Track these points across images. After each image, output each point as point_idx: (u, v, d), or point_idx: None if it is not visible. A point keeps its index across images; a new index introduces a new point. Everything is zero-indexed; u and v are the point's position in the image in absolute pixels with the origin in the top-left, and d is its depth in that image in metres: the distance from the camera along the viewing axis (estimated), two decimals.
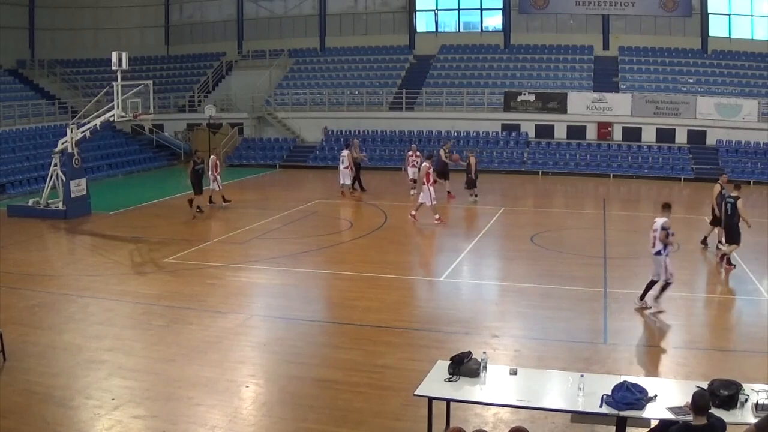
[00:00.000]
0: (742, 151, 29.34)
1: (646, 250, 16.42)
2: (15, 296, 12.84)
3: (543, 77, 33.96)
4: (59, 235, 18.94)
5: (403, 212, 22.05)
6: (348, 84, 35.93)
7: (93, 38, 39.75)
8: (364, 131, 33.50)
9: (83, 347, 10.38)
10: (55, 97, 35.32)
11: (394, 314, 12.04)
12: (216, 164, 21.81)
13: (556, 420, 7.79)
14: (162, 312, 12.05)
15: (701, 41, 33.91)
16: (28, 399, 8.62)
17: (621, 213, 22.55)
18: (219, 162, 22.50)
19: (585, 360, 9.83)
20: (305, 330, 11.38)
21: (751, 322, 11.78)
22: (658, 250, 11.75)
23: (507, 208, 22.19)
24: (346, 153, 24.23)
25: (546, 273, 14.51)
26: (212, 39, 39.89)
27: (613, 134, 31.24)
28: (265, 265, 15.41)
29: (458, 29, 37.92)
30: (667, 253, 11.86)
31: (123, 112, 20.19)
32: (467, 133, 32.53)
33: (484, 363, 7.41)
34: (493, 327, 11.41)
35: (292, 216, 20.80)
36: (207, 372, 9.49)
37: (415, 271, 15.85)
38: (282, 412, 8.46)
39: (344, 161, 24.19)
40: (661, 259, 11.77)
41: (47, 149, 24.45)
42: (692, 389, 6.77)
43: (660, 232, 11.66)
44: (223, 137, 33.64)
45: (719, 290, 14.19)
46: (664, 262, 11.77)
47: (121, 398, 8.65)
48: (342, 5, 38.43)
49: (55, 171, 20.84)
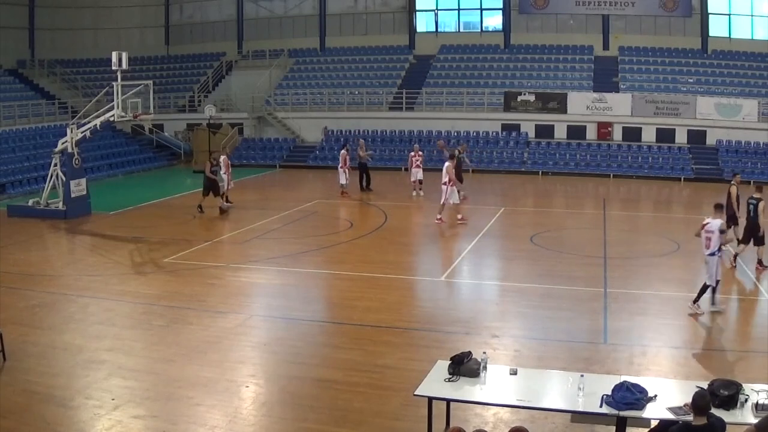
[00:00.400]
0: (742, 151, 29.33)
1: (646, 250, 16.51)
2: (15, 296, 12.84)
3: (543, 77, 33.96)
4: (59, 235, 18.94)
5: (404, 212, 22.08)
6: (348, 84, 35.93)
7: (93, 38, 39.75)
8: (364, 131, 33.47)
9: (83, 347, 10.38)
10: (55, 97, 35.31)
11: (394, 314, 12.04)
12: (228, 164, 22.05)
13: (556, 420, 7.79)
14: (162, 312, 12.05)
15: (701, 41, 33.91)
16: (28, 399, 8.62)
17: (621, 213, 22.55)
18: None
19: (585, 360, 9.82)
20: (305, 330, 11.39)
21: (751, 322, 11.78)
22: (713, 252, 11.69)
23: (507, 208, 22.19)
24: (343, 152, 24.39)
25: (546, 273, 14.51)
26: (212, 39, 39.89)
27: (613, 134, 31.23)
28: (265, 265, 15.41)
29: (458, 29, 37.91)
30: (720, 254, 11.84)
31: (123, 112, 20.20)
32: (467, 133, 32.52)
33: (484, 363, 7.41)
34: (493, 327, 11.41)
35: (292, 216, 20.80)
36: (207, 372, 9.49)
37: (415, 271, 15.85)
38: (282, 412, 8.46)
39: (341, 161, 24.42)
40: (715, 260, 11.71)
41: (47, 149, 24.46)
42: (692, 389, 6.77)
43: (719, 235, 11.62)
44: (223, 137, 33.62)
45: (719, 290, 14.14)
46: (717, 264, 11.72)
47: (121, 398, 8.65)
48: (342, 5, 38.43)
49: (55, 171, 20.85)
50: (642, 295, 12.96)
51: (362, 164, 25.32)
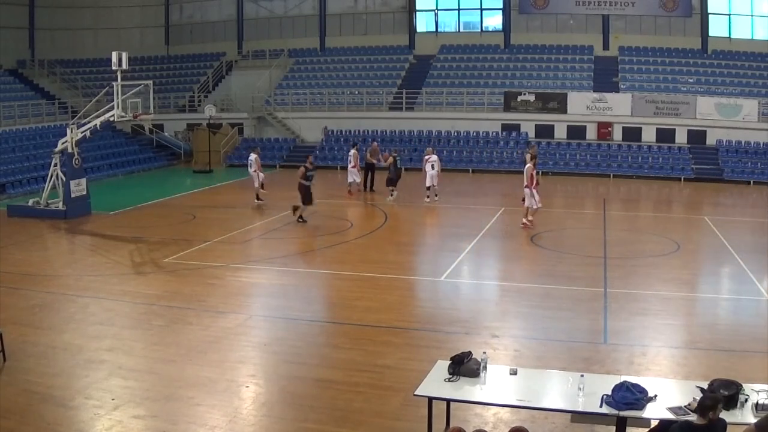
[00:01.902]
0: (742, 151, 29.33)
1: (646, 250, 16.51)
2: (15, 296, 12.84)
3: (543, 77, 33.96)
4: (59, 235, 18.94)
5: (404, 212, 22.06)
6: (348, 84, 35.92)
7: (93, 38, 39.76)
8: (364, 131, 33.49)
9: (83, 347, 10.37)
10: (55, 97, 35.32)
11: (394, 314, 12.04)
12: (259, 163, 22.35)
13: (556, 420, 7.79)
14: (162, 312, 12.04)
15: (701, 41, 33.91)
16: (28, 399, 8.62)
17: (621, 213, 22.55)
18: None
19: (585, 360, 9.82)
20: (305, 330, 11.38)
21: (751, 322, 11.77)
22: None
23: (507, 208, 22.16)
24: (353, 152, 24.71)
25: (546, 273, 14.51)
26: (212, 39, 39.88)
27: (613, 134, 31.23)
28: (265, 265, 15.41)
29: (458, 29, 37.91)
30: None
31: (123, 112, 20.20)
32: (467, 133, 32.54)
33: (484, 363, 7.41)
34: (493, 327, 11.41)
35: (292, 216, 20.79)
36: (207, 372, 9.48)
37: (415, 271, 15.84)
38: (282, 412, 8.45)
39: (351, 161, 24.76)
40: None
41: (47, 149, 24.47)
42: (692, 389, 6.79)
43: None
44: (223, 137, 33.65)
45: (719, 290, 14.18)
46: None
47: (121, 398, 8.65)
48: (342, 5, 38.43)
49: (55, 171, 20.84)
50: (642, 295, 12.95)
51: (369, 165, 25.49)
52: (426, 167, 22.83)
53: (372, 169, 25.45)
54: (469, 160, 31.45)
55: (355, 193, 24.69)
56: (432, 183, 22.79)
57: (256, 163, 22.68)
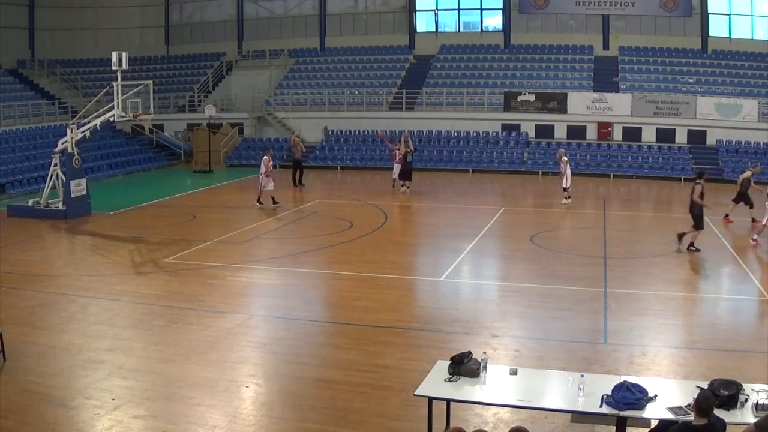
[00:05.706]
0: (742, 151, 29.32)
1: (646, 250, 16.50)
2: (15, 296, 12.84)
3: (543, 77, 33.95)
4: (59, 235, 18.93)
5: (404, 212, 22.07)
6: (348, 84, 35.91)
7: (93, 38, 39.77)
8: (364, 131, 33.52)
9: (83, 347, 10.37)
10: (55, 97, 35.32)
11: (394, 314, 12.03)
12: (269, 166, 21.85)
13: (556, 420, 7.79)
14: (162, 312, 12.04)
15: (701, 41, 33.91)
16: (28, 399, 8.62)
17: (621, 213, 22.55)
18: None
19: (585, 360, 9.82)
20: (305, 330, 11.38)
21: (751, 322, 11.78)
22: None
23: (507, 208, 22.17)
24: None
25: (546, 273, 14.50)
26: (212, 39, 39.87)
27: (613, 134, 31.23)
28: (265, 265, 15.41)
29: (458, 29, 37.89)
30: None
31: (123, 112, 20.20)
32: (467, 133, 32.53)
33: (484, 363, 7.41)
34: (493, 327, 11.41)
35: (292, 216, 20.80)
36: (207, 372, 9.48)
37: (415, 271, 15.84)
38: (282, 412, 8.45)
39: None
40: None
41: (47, 149, 24.46)
42: (692, 389, 6.79)
43: None
44: (223, 137, 33.65)
45: (719, 290, 14.18)
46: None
47: (121, 398, 8.64)
48: (342, 5, 38.42)
49: (55, 171, 20.84)
50: (642, 295, 12.96)
51: (297, 160, 26.66)
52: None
53: (299, 164, 26.40)
54: (469, 160, 31.45)
55: (398, 188, 24.88)
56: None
57: (265, 166, 21.59)
